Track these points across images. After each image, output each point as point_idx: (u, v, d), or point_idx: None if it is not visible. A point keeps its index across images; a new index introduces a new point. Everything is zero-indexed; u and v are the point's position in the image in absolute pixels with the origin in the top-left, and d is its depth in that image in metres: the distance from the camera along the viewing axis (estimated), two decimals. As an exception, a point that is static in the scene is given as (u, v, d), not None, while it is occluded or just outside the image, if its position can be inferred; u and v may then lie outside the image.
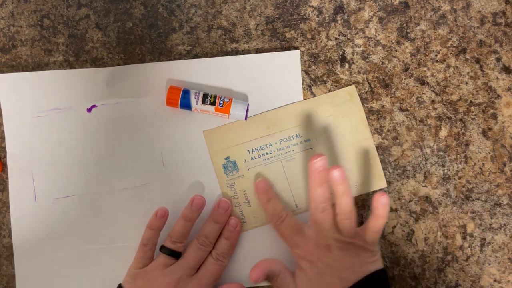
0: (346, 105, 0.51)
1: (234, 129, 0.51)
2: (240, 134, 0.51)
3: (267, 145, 0.51)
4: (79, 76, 0.51)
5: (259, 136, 0.51)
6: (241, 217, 0.51)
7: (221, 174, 0.51)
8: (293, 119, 0.51)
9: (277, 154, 0.51)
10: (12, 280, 0.51)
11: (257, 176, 0.51)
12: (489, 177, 0.52)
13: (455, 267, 0.52)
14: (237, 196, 0.51)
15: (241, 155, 0.51)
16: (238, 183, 0.51)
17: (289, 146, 0.51)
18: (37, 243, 0.51)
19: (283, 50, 0.52)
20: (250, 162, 0.51)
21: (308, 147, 0.51)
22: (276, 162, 0.51)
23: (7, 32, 0.52)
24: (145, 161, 0.51)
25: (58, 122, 0.51)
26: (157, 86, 0.51)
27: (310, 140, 0.51)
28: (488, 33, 0.53)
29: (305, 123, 0.51)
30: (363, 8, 0.53)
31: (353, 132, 0.51)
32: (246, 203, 0.51)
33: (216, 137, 0.51)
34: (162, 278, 0.47)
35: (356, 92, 0.51)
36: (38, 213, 0.51)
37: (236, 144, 0.51)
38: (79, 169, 0.51)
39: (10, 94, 0.51)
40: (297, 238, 0.47)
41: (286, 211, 0.49)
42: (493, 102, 0.52)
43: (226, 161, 0.51)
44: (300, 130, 0.51)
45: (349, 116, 0.51)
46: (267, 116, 0.51)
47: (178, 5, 0.52)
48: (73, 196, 0.51)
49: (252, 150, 0.51)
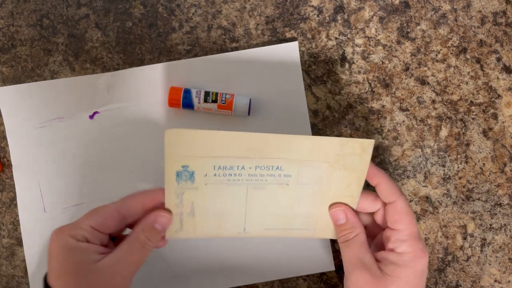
0: (351, 158, 0.43)
1: (206, 139, 0.42)
2: (211, 146, 0.42)
3: (239, 167, 0.43)
4: (79, 83, 0.51)
5: (234, 155, 0.42)
6: (178, 225, 0.44)
7: (171, 181, 0.43)
8: (282, 151, 0.42)
9: (246, 179, 0.43)
10: (12, 280, 0.51)
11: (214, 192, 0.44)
12: (490, 177, 0.52)
13: (455, 267, 0.52)
14: (182, 206, 0.44)
15: (204, 167, 0.42)
16: (188, 193, 0.43)
17: (263, 174, 0.43)
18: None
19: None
20: (211, 178, 0.43)
21: (284, 182, 0.44)
22: (241, 186, 0.44)
23: (7, 31, 0.52)
24: (151, 164, 0.51)
25: (61, 131, 0.51)
26: (158, 88, 0.51)
27: (291, 176, 0.44)
28: (488, 33, 0.53)
29: (294, 159, 0.43)
30: (364, 7, 0.52)
31: (341, 187, 0.44)
32: (189, 214, 0.44)
33: (180, 140, 0.41)
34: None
35: (371, 148, 0.42)
36: (48, 224, 0.51)
37: (202, 155, 0.42)
38: (86, 177, 0.51)
39: (11, 107, 0.51)
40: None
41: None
42: (493, 102, 0.52)
43: (183, 169, 0.43)
44: (284, 164, 0.43)
45: (348, 170, 0.43)
46: (254, 138, 0.42)
47: (178, 4, 0.52)
48: (82, 204, 0.51)
49: (219, 168, 0.43)
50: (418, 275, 0.42)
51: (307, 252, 0.51)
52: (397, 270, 0.41)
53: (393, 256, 0.42)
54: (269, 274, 0.51)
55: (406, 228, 0.42)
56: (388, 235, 0.43)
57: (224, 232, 0.46)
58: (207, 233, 0.46)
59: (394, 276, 0.41)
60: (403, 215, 0.42)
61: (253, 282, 0.51)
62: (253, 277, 0.51)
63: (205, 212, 0.45)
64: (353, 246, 0.43)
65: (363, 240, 0.43)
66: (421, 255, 0.42)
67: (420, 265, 0.42)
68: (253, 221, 0.46)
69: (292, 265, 0.51)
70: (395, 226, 0.43)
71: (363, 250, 0.43)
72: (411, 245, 0.42)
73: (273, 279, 0.51)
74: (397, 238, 0.42)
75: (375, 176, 0.43)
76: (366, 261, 0.42)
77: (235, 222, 0.45)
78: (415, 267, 0.41)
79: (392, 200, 0.43)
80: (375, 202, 0.45)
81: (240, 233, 0.46)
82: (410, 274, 0.41)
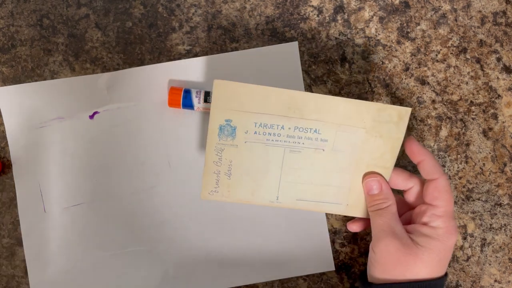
0: (388, 126, 0.44)
1: (251, 93, 0.43)
2: (255, 102, 0.44)
3: (278, 126, 0.44)
4: (79, 83, 0.51)
5: (275, 113, 0.44)
6: (213, 186, 0.46)
7: (213, 135, 0.44)
8: (322, 112, 0.44)
9: (284, 140, 0.45)
10: (11, 280, 0.51)
11: (252, 152, 0.45)
12: (490, 177, 0.52)
13: (455, 267, 0.52)
14: (220, 163, 0.45)
15: (245, 124, 0.44)
16: (227, 151, 0.45)
17: (301, 137, 0.45)
18: (49, 254, 0.50)
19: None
20: (251, 136, 0.45)
21: (321, 147, 0.45)
22: (278, 148, 0.45)
23: (7, 31, 0.52)
24: (151, 164, 0.51)
25: (61, 131, 0.51)
26: (158, 88, 0.51)
27: (327, 141, 0.45)
28: (488, 32, 0.53)
29: (333, 122, 0.44)
30: (364, 7, 0.52)
31: (375, 155, 0.45)
32: (226, 174, 0.45)
33: (227, 92, 0.43)
34: None
35: (408, 116, 0.44)
36: (48, 224, 0.51)
37: (245, 110, 0.44)
38: (86, 177, 0.51)
39: (11, 107, 0.51)
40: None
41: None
42: (493, 102, 0.52)
43: (226, 123, 0.44)
44: (322, 127, 0.44)
45: (384, 138, 0.44)
46: (296, 96, 0.44)
47: (178, 4, 0.52)
48: (82, 204, 0.51)
49: (260, 125, 0.44)
50: (447, 250, 0.44)
51: (307, 252, 0.51)
52: (430, 241, 0.43)
53: (426, 229, 0.44)
54: (269, 274, 0.51)
55: (444, 205, 0.44)
56: (424, 210, 0.45)
57: (257, 199, 0.47)
58: (241, 198, 0.46)
59: (426, 247, 0.43)
60: (443, 193, 0.44)
61: (253, 282, 0.51)
62: (253, 277, 0.51)
63: (241, 174, 0.46)
64: (386, 215, 0.45)
65: (395, 211, 0.45)
66: (453, 232, 0.44)
67: (451, 241, 0.43)
68: (287, 189, 0.46)
69: (292, 265, 0.51)
70: (433, 202, 0.44)
71: (394, 219, 0.44)
72: (445, 221, 0.44)
73: (273, 279, 0.51)
74: (433, 213, 0.44)
75: (419, 153, 0.45)
76: (397, 230, 0.44)
77: (269, 188, 0.46)
78: (446, 242, 0.43)
79: (435, 178, 0.44)
80: (408, 180, 0.46)
81: (272, 202, 0.47)
82: (441, 247, 0.43)
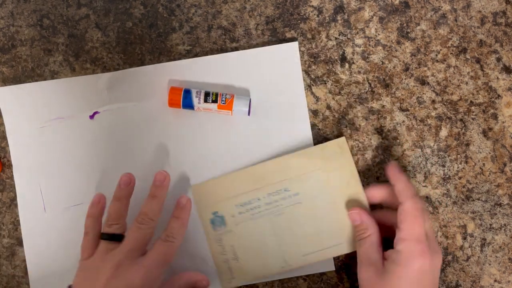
0: (336, 158, 0.50)
1: (222, 184, 0.50)
2: (228, 189, 0.50)
3: (254, 199, 0.50)
4: (79, 83, 0.51)
5: (247, 190, 0.50)
6: (229, 274, 0.50)
7: (209, 229, 0.50)
8: (281, 172, 0.50)
9: (265, 209, 0.50)
10: (12, 280, 0.51)
11: (246, 231, 0.50)
12: (490, 177, 0.52)
13: (455, 267, 0.52)
14: (225, 252, 0.50)
15: (229, 209, 0.50)
16: (226, 238, 0.50)
17: (277, 200, 0.50)
18: (50, 253, 0.50)
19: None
20: (238, 217, 0.50)
21: (297, 201, 0.50)
22: (264, 217, 0.50)
23: (7, 32, 0.52)
24: (151, 164, 0.51)
25: (62, 131, 0.51)
26: (158, 88, 0.51)
27: (299, 194, 0.50)
28: (488, 33, 0.53)
29: (293, 176, 0.50)
30: (363, 8, 0.52)
31: (343, 186, 0.50)
32: (234, 258, 0.50)
33: (204, 191, 0.50)
34: (102, 264, 0.45)
35: (346, 144, 0.50)
36: (48, 224, 0.51)
37: (223, 198, 0.50)
38: (86, 177, 0.51)
39: (11, 107, 0.51)
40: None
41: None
42: (493, 102, 0.52)
43: (214, 216, 0.50)
44: (289, 184, 0.50)
45: (339, 170, 0.50)
46: (255, 169, 0.50)
47: (178, 4, 0.52)
48: (82, 204, 0.51)
49: (240, 205, 0.50)
50: (413, 274, 0.44)
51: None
52: (394, 267, 0.45)
53: (393, 254, 0.45)
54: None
55: (407, 228, 0.45)
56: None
57: (270, 270, 0.50)
58: (257, 275, 0.50)
59: (392, 273, 0.44)
60: (407, 216, 0.45)
61: (253, 282, 0.51)
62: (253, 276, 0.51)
63: (246, 253, 0.50)
64: (364, 244, 0.47)
65: (374, 240, 0.47)
66: (416, 255, 0.44)
67: (415, 265, 0.44)
68: (289, 249, 0.50)
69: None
70: (400, 225, 0.45)
71: (372, 249, 0.47)
72: (408, 245, 0.44)
73: (273, 279, 0.51)
74: (399, 237, 0.45)
75: (392, 179, 0.47)
76: (373, 258, 0.46)
77: (275, 256, 0.50)
78: (409, 266, 0.44)
79: (402, 201, 0.46)
80: (381, 190, 0.49)
81: (284, 267, 0.50)
82: (405, 272, 0.44)
